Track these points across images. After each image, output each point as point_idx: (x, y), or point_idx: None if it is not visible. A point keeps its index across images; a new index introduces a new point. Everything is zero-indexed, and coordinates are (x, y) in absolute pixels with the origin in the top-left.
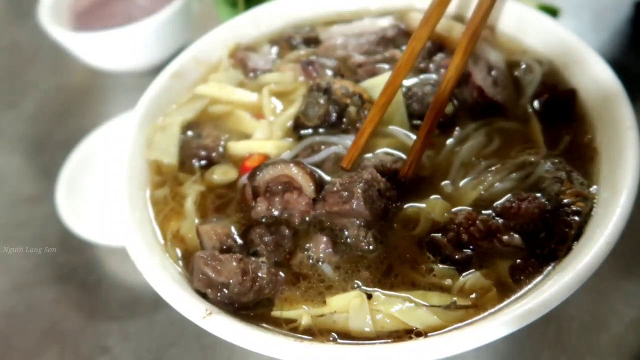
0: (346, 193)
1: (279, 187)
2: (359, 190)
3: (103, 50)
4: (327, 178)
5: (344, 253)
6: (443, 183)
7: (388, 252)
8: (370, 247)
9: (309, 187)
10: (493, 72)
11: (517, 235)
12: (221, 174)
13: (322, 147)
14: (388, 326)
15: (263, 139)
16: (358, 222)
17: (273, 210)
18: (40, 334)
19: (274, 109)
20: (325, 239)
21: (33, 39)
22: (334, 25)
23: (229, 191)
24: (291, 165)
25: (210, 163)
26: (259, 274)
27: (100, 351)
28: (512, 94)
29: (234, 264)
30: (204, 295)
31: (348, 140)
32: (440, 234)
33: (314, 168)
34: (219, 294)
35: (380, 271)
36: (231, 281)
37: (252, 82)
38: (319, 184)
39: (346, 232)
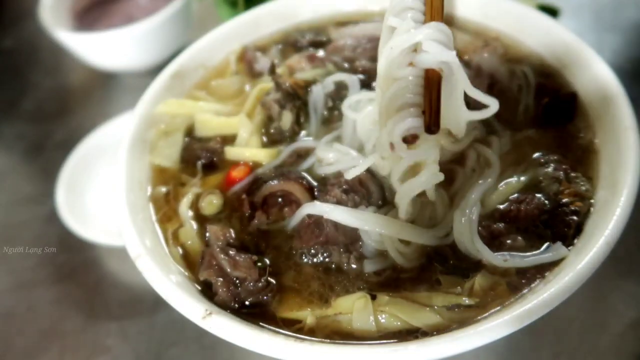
0: (317, 230)
1: (277, 199)
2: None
3: (103, 50)
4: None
5: (339, 274)
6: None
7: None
8: (356, 267)
9: (306, 201)
10: (494, 82)
11: (520, 237)
12: (207, 205)
13: (308, 150)
14: (392, 327)
15: (248, 136)
16: (338, 248)
17: (271, 222)
18: (40, 334)
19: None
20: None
21: (33, 39)
22: (348, 25)
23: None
24: (290, 181)
25: (213, 165)
26: (269, 276)
27: (100, 351)
28: (511, 103)
29: (251, 262)
30: (207, 289)
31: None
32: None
33: (305, 175)
34: (231, 287)
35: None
36: (248, 277)
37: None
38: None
39: (332, 259)
